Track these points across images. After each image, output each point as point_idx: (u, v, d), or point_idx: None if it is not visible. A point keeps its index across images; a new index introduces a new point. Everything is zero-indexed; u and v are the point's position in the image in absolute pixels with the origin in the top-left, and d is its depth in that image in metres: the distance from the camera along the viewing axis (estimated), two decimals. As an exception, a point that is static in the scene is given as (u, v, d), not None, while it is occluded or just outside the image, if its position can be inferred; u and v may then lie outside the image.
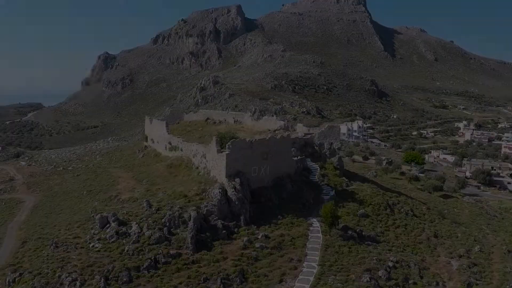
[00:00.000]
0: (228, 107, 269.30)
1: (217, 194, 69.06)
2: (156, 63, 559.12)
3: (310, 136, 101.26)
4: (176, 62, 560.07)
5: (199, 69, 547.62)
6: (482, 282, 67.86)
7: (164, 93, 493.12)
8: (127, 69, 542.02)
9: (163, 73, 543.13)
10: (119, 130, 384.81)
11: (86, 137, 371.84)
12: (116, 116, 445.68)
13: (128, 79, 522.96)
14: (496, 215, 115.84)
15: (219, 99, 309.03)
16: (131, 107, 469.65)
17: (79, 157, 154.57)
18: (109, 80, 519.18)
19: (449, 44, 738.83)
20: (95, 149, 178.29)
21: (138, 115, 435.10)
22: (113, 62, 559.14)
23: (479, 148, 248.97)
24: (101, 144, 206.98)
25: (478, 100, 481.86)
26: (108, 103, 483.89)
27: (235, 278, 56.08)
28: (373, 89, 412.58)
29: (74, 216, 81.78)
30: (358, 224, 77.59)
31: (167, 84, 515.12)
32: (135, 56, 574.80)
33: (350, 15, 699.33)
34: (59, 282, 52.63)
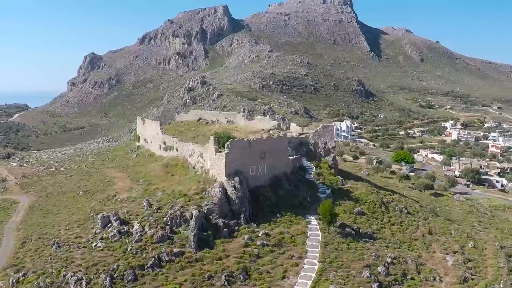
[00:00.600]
0: (217, 107, 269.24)
1: (217, 193, 69.74)
2: (142, 63, 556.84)
3: (305, 135, 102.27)
4: (163, 63, 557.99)
5: (186, 69, 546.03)
6: (477, 277, 69.44)
7: (151, 93, 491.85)
8: (113, 70, 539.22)
9: (150, 73, 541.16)
10: (106, 130, 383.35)
11: (73, 138, 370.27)
12: (103, 116, 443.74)
13: (115, 80, 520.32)
14: (487, 212, 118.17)
15: (207, 99, 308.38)
16: (117, 107, 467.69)
17: (70, 158, 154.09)
18: (96, 81, 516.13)
19: (434, 44, 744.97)
20: (85, 149, 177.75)
21: (125, 115, 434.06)
22: (99, 63, 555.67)
23: (466, 148, 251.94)
24: (91, 145, 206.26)
25: (464, 100, 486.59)
26: (94, 104, 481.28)
27: (238, 275, 56.92)
28: (360, 89, 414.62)
29: (72, 216, 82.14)
30: (355, 221, 78.85)
31: (154, 85, 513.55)
32: (122, 56, 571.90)
33: (336, 16, 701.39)
34: (65, 282, 52.81)
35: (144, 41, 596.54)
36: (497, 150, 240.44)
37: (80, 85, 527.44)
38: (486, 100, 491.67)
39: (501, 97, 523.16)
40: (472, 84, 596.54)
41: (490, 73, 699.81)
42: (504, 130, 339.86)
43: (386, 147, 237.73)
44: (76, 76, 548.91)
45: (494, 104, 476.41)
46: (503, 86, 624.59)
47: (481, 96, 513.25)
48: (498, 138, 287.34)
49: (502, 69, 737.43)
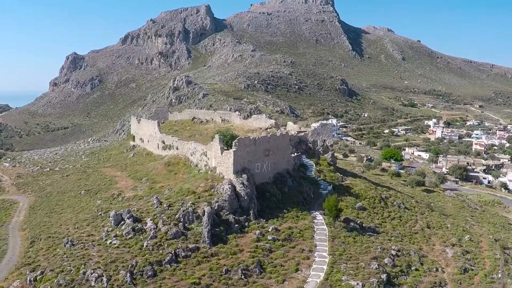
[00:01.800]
0: (203, 106, 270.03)
1: (227, 189, 71.23)
2: (125, 63, 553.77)
3: (303, 133, 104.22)
4: (145, 62, 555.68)
5: (169, 69, 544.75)
6: (476, 268, 72.10)
7: (134, 93, 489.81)
8: (95, 70, 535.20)
9: (132, 73, 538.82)
10: (90, 131, 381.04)
11: (57, 138, 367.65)
12: (85, 117, 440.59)
13: (97, 80, 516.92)
14: (477, 208, 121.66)
15: (193, 99, 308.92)
16: (100, 107, 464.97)
17: (63, 158, 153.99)
18: (78, 81, 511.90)
19: (416, 43, 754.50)
20: (77, 149, 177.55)
21: (108, 115, 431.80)
22: (81, 63, 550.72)
23: (451, 145, 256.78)
24: (82, 145, 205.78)
25: (445, 98, 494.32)
26: (77, 104, 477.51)
27: (254, 269, 58.56)
28: (343, 88, 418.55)
29: (78, 215, 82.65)
30: (358, 216, 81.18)
31: (137, 85, 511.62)
32: (104, 56, 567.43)
33: (318, 15, 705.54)
34: (85, 279, 53.36)
35: (126, 41, 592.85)
36: (481, 147, 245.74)
37: (62, 85, 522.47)
38: (468, 99, 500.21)
39: (482, 96, 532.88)
40: (453, 83, 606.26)
41: (470, 72, 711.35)
42: (486, 128, 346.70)
43: (373, 145, 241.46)
44: (58, 76, 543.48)
45: (476, 103, 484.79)
46: (484, 84, 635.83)
47: (462, 94, 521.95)
48: (481, 136, 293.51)
49: (482, 68, 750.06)
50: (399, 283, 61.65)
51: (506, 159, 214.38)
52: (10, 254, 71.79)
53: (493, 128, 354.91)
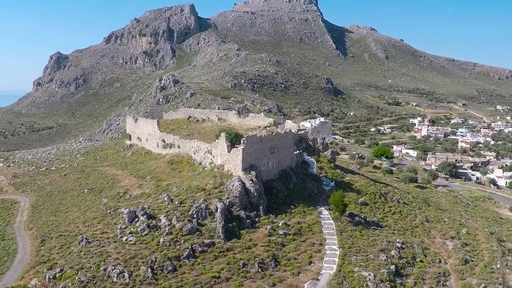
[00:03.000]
0: (191, 106, 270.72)
1: (237, 186, 72.87)
2: (109, 62, 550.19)
3: (304, 131, 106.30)
4: (130, 62, 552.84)
5: (153, 68, 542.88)
6: (476, 259, 74.85)
7: (118, 93, 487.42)
8: (80, 69, 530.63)
9: (117, 72, 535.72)
10: (76, 130, 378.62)
11: (43, 138, 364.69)
12: (70, 116, 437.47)
13: (81, 79, 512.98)
14: (469, 203, 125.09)
15: (180, 98, 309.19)
16: (85, 107, 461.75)
17: (57, 157, 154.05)
18: (62, 81, 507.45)
19: (399, 42, 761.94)
20: (69, 149, 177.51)
21: (93, 115, 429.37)
22: (65, 62, 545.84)
23: (437, 143, 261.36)
24: (74, 144, 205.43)
25: (429, 96, 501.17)
26: (61, 104, 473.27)
27: (269, 262, 60.34)
28: (329, 87, 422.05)
29: (85, 213, 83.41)
30: (361, 211, 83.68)
31: (121, 84, 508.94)
32: (88, 56, 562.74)
33: (302, 14, 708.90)
34: (106, 275, 54.27)
35: (110, 40, 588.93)
36: (466, 145, 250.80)
37: (46, 85, 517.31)
38: (451, 97, 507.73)
39: (465, 94, 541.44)
40: (437, 81, 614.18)
41: (453, 71, 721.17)
42: (470, 126, 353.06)
43: (362, 143, 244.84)
44: (42, 76, 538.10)
45: (459, 101, 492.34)
46: (467, 83, 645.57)
47: (446, 93, 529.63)
48: (466, 134, 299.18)
49: (465, 67, 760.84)
50: (406, 273, 64.08)
51: (492, 157, 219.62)
52: (21, 253, 72.26)
53: (477, 126, 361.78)
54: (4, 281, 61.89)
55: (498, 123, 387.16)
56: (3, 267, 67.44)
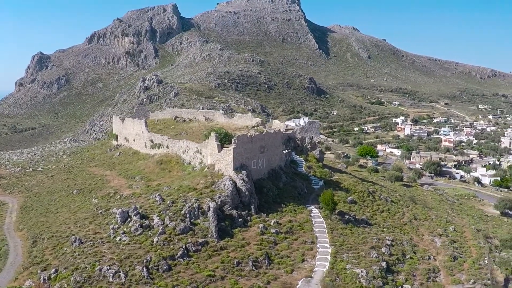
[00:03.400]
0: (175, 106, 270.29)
1: (229, 185, 73.43)
2: (91, 63, 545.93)
3: (292, 131, 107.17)
4: (112, 62, 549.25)
5: (136, 68, 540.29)
6: (464, 256, 76.49)
7: (101, 93, 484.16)
8: (62, 69, 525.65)
9: (99, 73, 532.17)
10: (59, 131, 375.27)
11: (25, 139, 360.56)
12: (53, 117, 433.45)
13: (64, 80, 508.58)
14: (455, 201, 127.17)
15: (164, 98, 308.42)
16: (67, 107, 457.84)
17: (43, 158, 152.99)
18: (44, 81, 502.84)
19: (381, 42, 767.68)
20: (54, 149, 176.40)
21: (76, 115, 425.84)
22: (47, 62, 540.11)
23: (420, 142, 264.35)
24: (59, 145, 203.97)
25: (411, 96, 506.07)
26: (44, 104, 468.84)
27: (263, 261, 61.14)
28: (312, 86, 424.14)
29: (76, 214, 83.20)
30: (350, 209, 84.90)
31: (104, 84, 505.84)
32: (70, 56, 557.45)
33: (284, 14, 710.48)
34: (101, 275, 54.46)
35: (92, 40, 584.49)
36: (449, 144, 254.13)
37: (28, 85, 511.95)
38: (433, 96, 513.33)
39: (447, 93, 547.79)
40: (419, 81, 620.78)
41: (435, 70, 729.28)
42: (453, 125, 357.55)
43: (346, 143, 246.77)
44: (24, 76, 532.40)
45: (441, 100, 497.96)
46: (449, 82, 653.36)
47: (428, 92, 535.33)
48: (449, 133, 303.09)
49: (447, 66, 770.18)
50: (397, 270, 65.39)
51: (475, 155, 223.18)
52: (13, 254, 71.87)
53: (459, 125, 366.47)
54: (-4, 283, 61.74)
55: (481, 122, 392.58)
56: (-6, 269, 66.86)
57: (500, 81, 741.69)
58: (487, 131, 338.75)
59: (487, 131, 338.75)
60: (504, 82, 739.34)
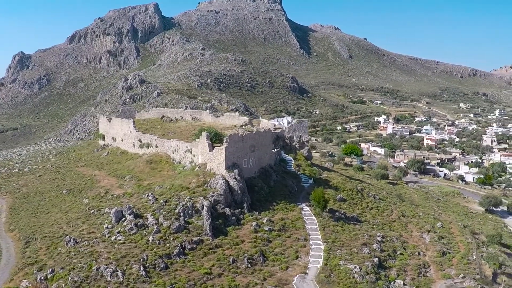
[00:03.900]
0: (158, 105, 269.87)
1: (221, 184, 74.15)
2: (73, 62, 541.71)
3: (280, 130, 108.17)
4: (94, 62, 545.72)
5: (117, 68, 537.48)
6: (452, 251, 78.26)
7: (83, 93, 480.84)
8: (43, 69, 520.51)
9: (81, 72, 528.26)
10: (41, 131, 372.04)
11: (7, 139, 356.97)
12: (34, 117, 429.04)
13: (45, 79, 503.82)
14: (440, 198, 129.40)
15: (147, 98, 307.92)
16: (49, 107, 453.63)
17: (29, 158, 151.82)
18: (25, 81, 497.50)
19: (362, 41, 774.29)
20: (40, 150, 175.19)
21: (58, 115, 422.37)
22: (29, 62, 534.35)
23: (403, 141, 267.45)
24: (43, 145, 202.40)
25: (393, 95, 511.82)
26: (25, 104, 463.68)
27: (258, 258, 62.03)
28: (294, 86, 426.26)
29: (67, 214, 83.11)
30: (340, 207, 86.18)
31: (85, 84, 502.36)
32: (51, 55, 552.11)
33: (266, 13, 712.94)
34: (99, 274, 54.63)
35: (74, 40, 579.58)
36: (432, 142, 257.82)
37: (9, 85, 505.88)
38: (415, 95, 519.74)
39: (428, 92, 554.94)
40: (400, 80, 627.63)
41: (416, 69, 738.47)
42: (435, 124, 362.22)
43: (330, 142, 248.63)
44: (5, 76, 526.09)
45: (422, 99, 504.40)
46: (430, 81, 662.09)
47: (409, 91, 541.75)
48: (431, 131, 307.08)
49: (428, 65, 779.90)
50: (389, 266, 66.92)
51: (457, 153, 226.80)
52: (6, 255, 71.27)
53: (441, 123, 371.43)
54: (-8, 284, 61.42)
55: (462, 120, 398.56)
56: (-12, 270, 66.36)
57: (480, 80, 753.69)
58: (469, 129, 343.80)
59: (469, 129, 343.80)
60: (484, 81, 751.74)
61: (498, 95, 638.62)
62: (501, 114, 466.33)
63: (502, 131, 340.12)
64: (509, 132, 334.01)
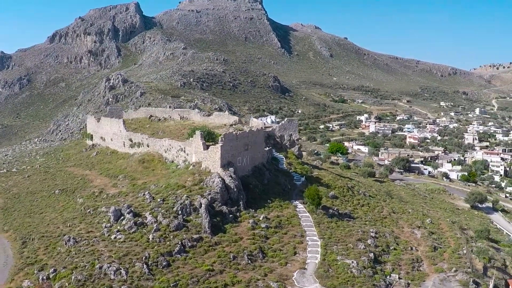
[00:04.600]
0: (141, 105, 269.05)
1: (218, 182, 75.11)
2: (53, 62, 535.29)
3: (271, 129, 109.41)
4: (74, 61, 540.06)
5: (98, 68, 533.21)
6: (443, 246, 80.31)
7: (64, 93, 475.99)
8: (23, 69, 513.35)
9: (61, 72, 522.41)
10: (22, 132, 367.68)
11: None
12: (15, 117, 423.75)
13: (26, 79, 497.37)
14: (426, 195, 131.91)
15: (130, 97, 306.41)
16: (30, 108, 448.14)
17: (16, 159, 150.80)
18: (6, 81, 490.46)
19: (343, 40, 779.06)
20: (25, 150, 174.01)
21: (39, 116, 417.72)
22: (9, 62, 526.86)
23: (385, 139, 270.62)
24: (29, 146, 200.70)
25: (374, 94, 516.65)
26: (5, 105, 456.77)
27: (257, 254, 63.24)
28: (276, 85, 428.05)
29: (62, 213, 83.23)
30: (333, 204, 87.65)
31: (66, 84, 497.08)
32: (32, 55, 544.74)
33: (247, 13, 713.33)
34: (102, 273, 55.14)
35: (54, 39, 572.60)
36: (414, 140, 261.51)
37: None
38: (395, 94, 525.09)
39: (409, 91, 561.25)
40: (381, 79, 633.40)
41: (397, 68, 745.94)
42: (416, 122, 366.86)
43: (314, 140, 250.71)
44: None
45: (403, 98, 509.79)
46: (410, 80, 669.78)
47: (390, 90, 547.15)
48: (413, 130, 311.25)
49: (408, 64, 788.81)
50: (384, 260, 68.53)
51: (440, 151, 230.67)
52: (3, 256, 70.52)
53: (422, 122, 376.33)
54: (-8, 285, 61.26)
55: (443, 119, 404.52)
56: (-14, 271, 65.91)
57: (460, 79, 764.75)
58: (450, 127, 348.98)
59: (450, 127, 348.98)
60: (464, 80, 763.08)
61: (478, 93, 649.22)
62: (482, 113, 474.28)
63: (483, 129, 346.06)
64: (490, 131, 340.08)
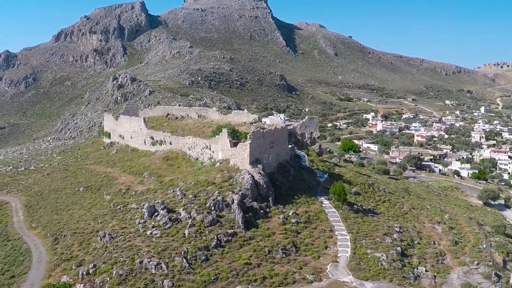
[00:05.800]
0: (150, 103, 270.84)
1: (248, 179, 76.75)
2: (59, 61, 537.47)
3: (292, 127, 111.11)
4: (80, 60, 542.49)
5: (104, 66, 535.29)
6: (463, 241, 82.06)
7: (70, 91, 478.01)
8: (29, 68, 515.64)
9: (67, 71, 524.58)
10: (29, 130, 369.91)
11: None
12: (21, 116, 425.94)
13: (31, 78, 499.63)
14: (440, 192, 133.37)
15: (139, 96, 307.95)
16: (36, 106, 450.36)
17: (32, 157, 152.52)
18: (12, 79, 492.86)
19: (347, 39, 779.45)
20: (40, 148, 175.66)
21: (45, 114, 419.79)
22: (14, 61, 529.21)
23: (393, 137, 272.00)
24: (42, 144, 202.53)
25: (379, 92, 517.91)
26: (12, 103, 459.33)
27: (290, 248, 64.96)
28: (283, 83, 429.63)
29: (91, 210, 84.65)
30: (356, 200, 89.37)
31: (72, 82, 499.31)
32: (37, 54, 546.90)
33: (252, 11, 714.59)
34: (143, 267, 56.73)
35: (60, 38, 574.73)
36: (422, 139, 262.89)
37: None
38: (400, 93, 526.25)
39: (413, 90, 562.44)
40: (385, 77, 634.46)
41: (401, 67, 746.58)
42: (423, 121, 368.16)
43: (324, 139, 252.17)
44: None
45: (408, 96, 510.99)
46: (415, 79, 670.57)
47: (395, 88, 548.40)
48: (420, 128, 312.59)
49: (412, 62, 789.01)
50: (410, 254, 70.29)
51: (448, 150, 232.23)
52: (36, 252, 71.39)
53: (428, 120, 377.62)
54: (30, 281, 61.75)
55: (449, 117, 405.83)
56: (22, 267, 66.79)
57: (465, 77, 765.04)
58: (456, 126, 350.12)
59: (456, 126, 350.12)
60: (469, 78, 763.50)
61: (482, 92, 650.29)
62: (487, 111, 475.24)
63: (489, 127, 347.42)
64: (496, 129, 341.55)
